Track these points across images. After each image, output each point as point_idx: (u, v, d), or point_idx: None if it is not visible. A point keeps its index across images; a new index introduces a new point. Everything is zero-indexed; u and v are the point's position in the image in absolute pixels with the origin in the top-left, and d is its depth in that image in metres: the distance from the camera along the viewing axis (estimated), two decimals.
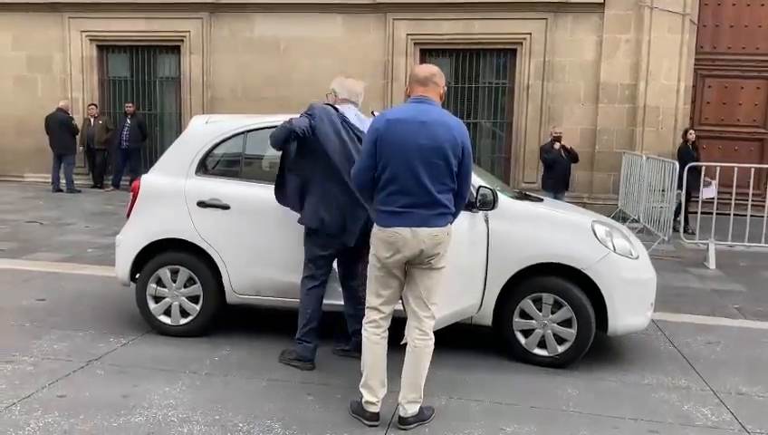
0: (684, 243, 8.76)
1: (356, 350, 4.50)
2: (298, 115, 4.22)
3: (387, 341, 3.64)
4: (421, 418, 3.62)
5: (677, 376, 4.51)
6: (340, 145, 4.15)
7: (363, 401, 3.62)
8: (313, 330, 4.36)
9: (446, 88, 3.67)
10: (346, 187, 4.10)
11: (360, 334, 4.40)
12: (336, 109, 4.27)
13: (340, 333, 4.64)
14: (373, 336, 3.60)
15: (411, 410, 3.58)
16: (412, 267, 3.53)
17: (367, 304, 3.68)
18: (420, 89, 3.54)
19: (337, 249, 4.31)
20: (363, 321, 3.67)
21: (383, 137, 3.43)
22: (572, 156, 10.49)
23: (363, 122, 4.31)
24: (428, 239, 3.42)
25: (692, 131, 10.87)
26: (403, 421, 3.58)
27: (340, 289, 4.50)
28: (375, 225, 3.54)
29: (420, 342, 3.56)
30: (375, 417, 3.60)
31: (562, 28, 12.13)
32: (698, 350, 5.08)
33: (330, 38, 12.72)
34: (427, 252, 3.45)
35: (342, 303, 4.52)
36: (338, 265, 4.46)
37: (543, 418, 3.80)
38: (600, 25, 11.98)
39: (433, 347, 3.62)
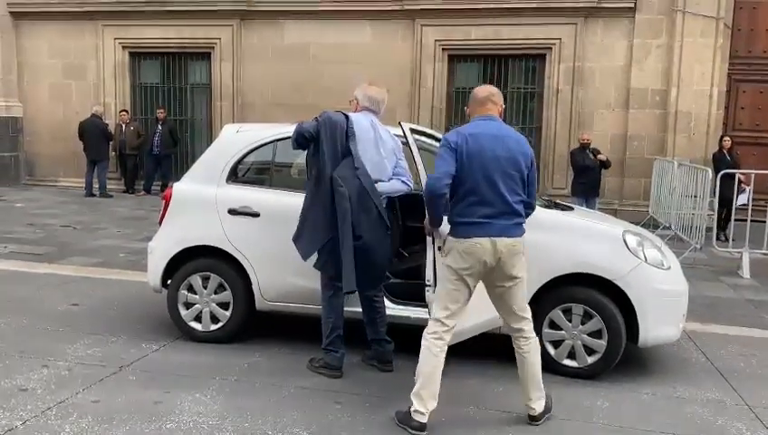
0: (717, 251, 8.61)
1: (375, 359, 4.53)
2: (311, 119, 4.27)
3: (445, 354, 3.66)
4: (548, 408, 3.81)
5: (711, 389, 4.43)
6: (332, 156, 4.13)
7: (412, 409, 3.63)
8: (339, 338, 4.38)
9: (504, 106, 3.84)
10: (320, 197, 4.15)
11: (379, 344, 4.46)
12: (347, 117, 4.25)
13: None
14: (434, 348, 3.63)
15: (539, 407, 3.75)
16: (494, 286, 3.67)
17: (432, 316, 3.70)
18: (480, 109, 3.74)
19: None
20: (425, 331, 3.69)
21: (463, 150, 3.55)
22: (606, 164, 10.39)
23: (378, 129, 4.31)
24: (506, 249, 3.56)
25: (727, 138, 10.70)
26: (534, 419, 3.76)
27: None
28: (451, 237, 3.62)
29: (526, 346, 3.74)
30: (422, 427, 3.60)
31: (593, 33, 12.03)
32: (732, 362, 4.99)
33: (359, 45, 12.78)
34: (504, 261, 3.57)
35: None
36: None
37: (573, 430, 3.77)
38: (631, 30, 11.84)
39: (538, 343, 3.80)
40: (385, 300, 4.59)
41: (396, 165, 4.37)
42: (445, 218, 3.71)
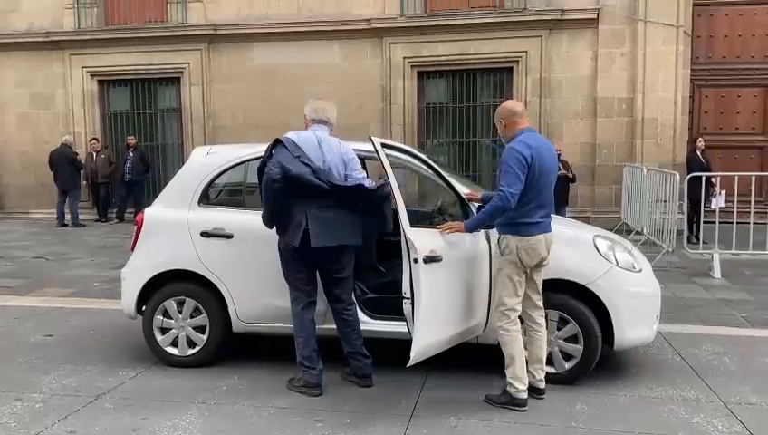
0: (688, 253, 8.75)
1: (353, 374, 4.52)
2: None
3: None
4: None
5: (686, 388, 4.49)
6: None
7: (513, 390, 4.08)
8: (314, 353, 4.36)
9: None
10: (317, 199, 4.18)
11: (356, 358, 4.46)
12: (273, 146, 4.24)
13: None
14: (515, 333, 4.11)
15: (544, 381, 4.25)
16: (532, 269, 4.15)
17: (504, 308, 4.11)
18: (522, 121, 4.24)
19: (310, 267, 4.32)
20: (502, 323, 4.12)
21: (535, 164, 4.01)
22: (571, 180, 10.50)
23: (323, 142, 4.30)
24: (550, 242, 4.18)
25: (701, 139, 10.92)
26: (541, 392, 4.22)
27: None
28: (514, 235, 4.08)
29: (540, 321, 4.26)
30: (525, 403, 4.09)
31: (558, 44, 12.25)
32: (706, 361, 5.06)
33: (328, 64, 12.86)
34: (548, 252, 4.16)
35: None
36: (323, 288, 4.48)
37: None
38: (595, 41, 12.10)
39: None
40: (362, 315, 4.60)
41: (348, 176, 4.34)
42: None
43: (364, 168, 6.02)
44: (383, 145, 4.33)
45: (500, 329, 4.14)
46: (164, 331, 4.93)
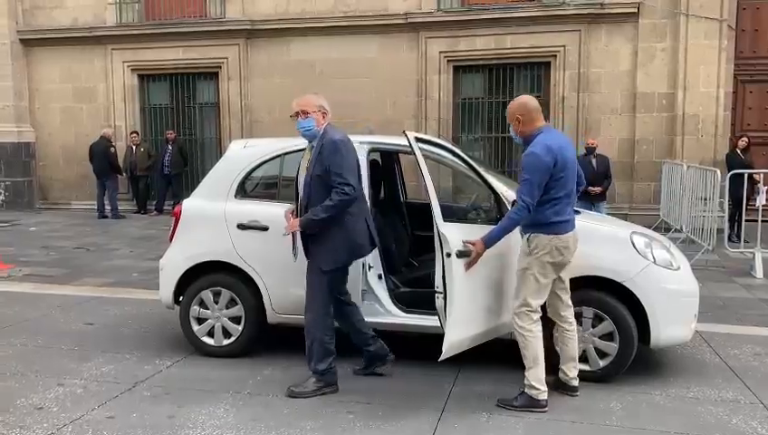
0: (729, 252, 8.56)
1: (372, 362, 4.56)
2: None
3: None
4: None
5: (725, 389, 4.41)
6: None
7: (534, 393, 4.00)
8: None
9: None
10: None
11: (367, 350, 4.52)
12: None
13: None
14: (538, 332, 4.03)
15: (577, 379, 4.23)
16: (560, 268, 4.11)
17: (527, 308, 4.01)
18: (540, 118, 4.10)
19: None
20: (524, 323, 4.01)
21: (557, 160, 3.93)
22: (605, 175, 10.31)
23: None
24: (577, 239, 4.11)
25: (744, 138, 10.66)
26: (574, 390, 4.21)
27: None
28: (545, 234, 3.98)
29: (571, 319, 4.21)
30: (546, 404, 4.02)
31: (596, 39, 12.06)
32: (746, 361, 4.95)
33: (364, 58, 12.88)
34: (575, 248, 4.12)
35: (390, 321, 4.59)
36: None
37: (587, 433, 3.75)
38: (635, 35, 11.88)
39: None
40: (395, 308, 4.61)
41: None
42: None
43: (398, 161, 6.12)
44: (417, 139, 4.33)
45: (522, 330, 4.01)
46: (200, 321, 5.01)
